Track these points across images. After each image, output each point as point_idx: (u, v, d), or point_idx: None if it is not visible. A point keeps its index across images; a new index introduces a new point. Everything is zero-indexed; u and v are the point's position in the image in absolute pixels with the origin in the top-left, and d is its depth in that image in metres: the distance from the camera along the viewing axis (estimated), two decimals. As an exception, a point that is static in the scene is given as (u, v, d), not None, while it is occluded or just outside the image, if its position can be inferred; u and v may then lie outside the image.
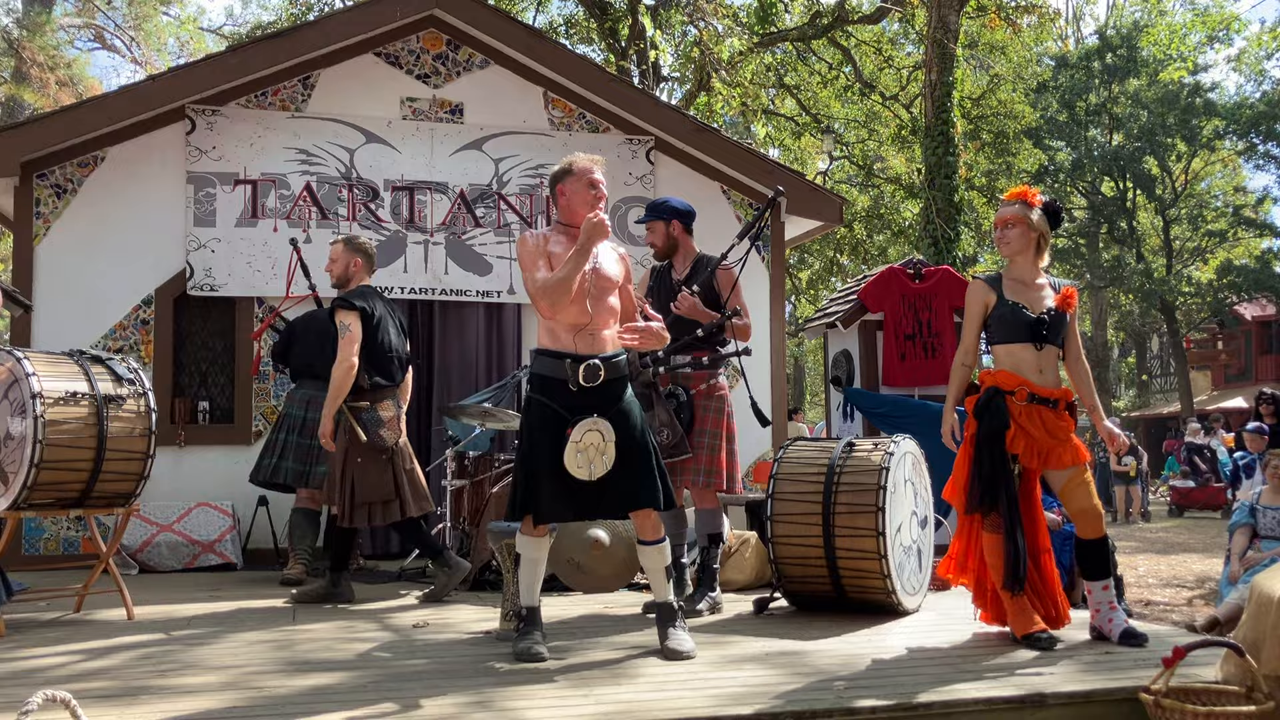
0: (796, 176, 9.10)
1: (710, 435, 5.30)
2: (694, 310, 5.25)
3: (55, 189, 7.58)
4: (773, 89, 21.35)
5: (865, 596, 5.09)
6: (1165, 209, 32.40)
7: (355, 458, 5.59)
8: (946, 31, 13.17)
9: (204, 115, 7.76)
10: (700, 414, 5.30)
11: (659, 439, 5.01)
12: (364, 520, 5.63)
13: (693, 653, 4.12)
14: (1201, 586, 10.03)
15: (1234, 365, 35.82)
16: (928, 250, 12.31)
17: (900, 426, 6.78)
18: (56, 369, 5.01)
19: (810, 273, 23.17)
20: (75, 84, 23.47)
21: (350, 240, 5.96)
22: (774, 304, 8.81)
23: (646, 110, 8.59)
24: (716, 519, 5.39)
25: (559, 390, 4.17)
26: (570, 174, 4.35)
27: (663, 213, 5.55)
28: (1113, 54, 31.56)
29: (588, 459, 4.09)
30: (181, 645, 4.50)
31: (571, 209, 4.34)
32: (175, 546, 7.23)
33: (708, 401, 5.33)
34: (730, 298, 5.33)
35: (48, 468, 4.84)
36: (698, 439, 5.25)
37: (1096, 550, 4.39)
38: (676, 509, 5.42)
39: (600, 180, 4.36)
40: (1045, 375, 4.39)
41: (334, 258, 5.91)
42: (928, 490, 5.56)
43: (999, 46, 20.65)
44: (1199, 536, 14.60)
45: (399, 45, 8.26)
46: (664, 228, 5.53)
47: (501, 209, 8.27)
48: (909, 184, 20.43)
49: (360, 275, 5.88)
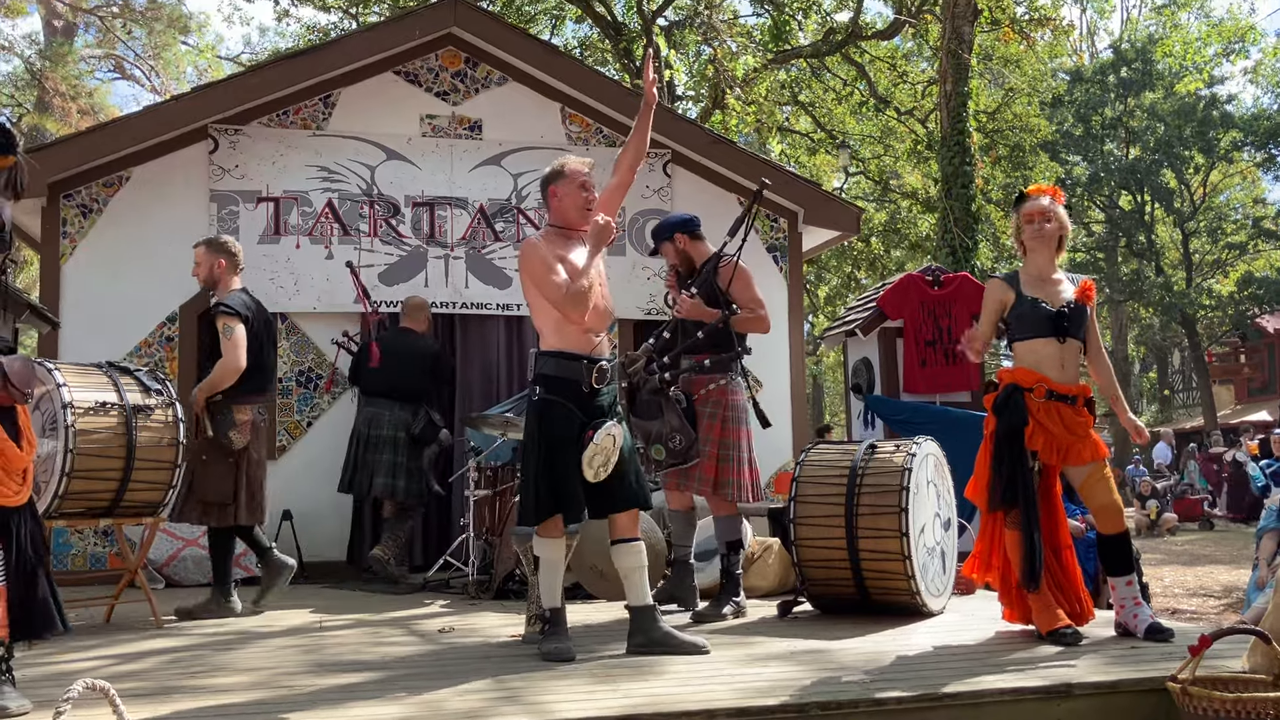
0: (812, 186, 9.16)
1: (715, 443, 5.19)
2: (695, 311, 5.16)
3: (81, 209, 7.69)
4: (787, 106, 21.43)
5: (889, 598, 5.09)
6: (1184, 222, 32.26)
7: (201, 454, 5.57)
8: (961, 43, 13.22)
9: (226, 134, 7.87)
10: (701, 420, 5.20)
11: (672, 444, 5.02)
12: (195, 517, 5.58)
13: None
14: (1229, 595, 9.97)
15: (1257, 378, 35.54)
16: (946, 260, 12.32)
17: (922, 433, 6.77)
18: (86, 379, 5.09)
19: (828, 288, 23.17)
20: (96, 112, 23.80)
21: (211, 242, 5.90)
22: (792, 316, 8.84)
23: (663, 123, 8.65)
24: (735, 526, 5.38)
25: (573, 391, 4.22)
26: (562, 176, 4.39)
27: (663, 234, 5.53)
28: (1128, 67, 31.53)
29: (603, 460, 4.13)
30: (210, 650, 4.54)
31: (564, 211, 4.39)
32: (201, 560, 7.26)
33: (704, 408, 5.22)
34: (733, 291, 5.22)
35: (78, 476, 4.91)
36: (700, 446, 5.16)
37: (1119, 545, 4.39)
38: (687, 513, 5.45)
39: (592, 182, 4.40)
40: (1066, 370, 4.40)
41: (198, 260, 5.87)
42: (950, 493, 5.57)
43: (1013, 60, 20.69)
44: (1225, 549, 14.49)
45: (418, 63, 8.36)
46: (671, 247, 5.51)
47: (521, 223, 8.34)
48: (925, 198, 20.46)
49: (227, 276, 5.77)
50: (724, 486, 5.22)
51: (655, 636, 4.22)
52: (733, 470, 5.23)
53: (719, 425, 5.22)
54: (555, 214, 4.43)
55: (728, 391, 5.27)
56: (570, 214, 4.37)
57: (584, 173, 4.39)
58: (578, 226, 4.39)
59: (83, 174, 7.66)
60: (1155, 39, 31.63)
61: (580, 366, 4.21)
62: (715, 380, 5.25)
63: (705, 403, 5.23)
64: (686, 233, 5.50)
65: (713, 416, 5.22)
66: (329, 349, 7.92)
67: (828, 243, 9.95)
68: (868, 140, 22.86)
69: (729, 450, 5.24)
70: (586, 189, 4.37)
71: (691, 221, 5.55)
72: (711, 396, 5.24)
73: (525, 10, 20.39)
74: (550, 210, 4.45)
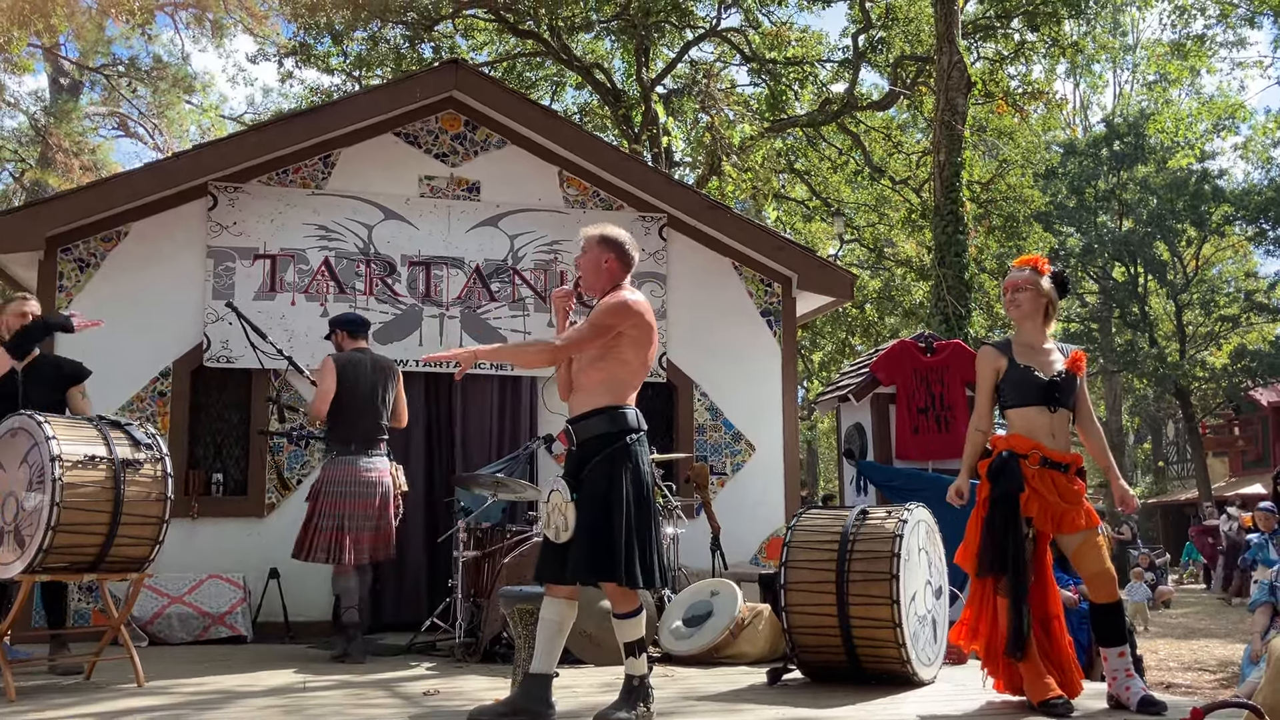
0: (806, 252, 9.21)
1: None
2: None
3: (78, 263, 7.72)
4: (783, 173, 21.65)
5: (880, 666, 5.04)
6: (1177, 294, 32.46)
7: None
8: (955, 114, 13.39)
9: (226, 192, 7.93)
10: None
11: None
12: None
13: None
14: (1224, 670, 9.87)
15: (1251, 451, 35.47)
16: (939, 328, 12.38)
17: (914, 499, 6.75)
18: (76, 432, 5.06)
19: (822, 354, 23.23)
20: (99, 169, 24.02)
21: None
22: (786, 381, 8.85)
23: (659, 188, 8.73)
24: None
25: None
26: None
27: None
28: (1120, 141, 31.90)
29: (560, 522, 4.10)
30: (191, 710, 4.48)
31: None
32: (186, 618, 7.20)
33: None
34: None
35: (64, 530, 4.86)
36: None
37: (1111, 615, 4.36)
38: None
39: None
40: (1057, 439, 4.40)
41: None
42: (942, 560, 5.54)
43: (1007, 132, 20.95)
44: (1220, 622, 14.37)
45: (418, 125, 8.45)
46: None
47: (516, 284, 8.37)
48: (919, 266, 20.59)
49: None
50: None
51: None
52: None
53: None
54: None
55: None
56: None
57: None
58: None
59: (81, 228, 7.69)
60: (1147, 114, 32.06)
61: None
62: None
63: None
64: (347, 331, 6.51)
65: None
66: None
67: (821, 308, 10.00)
68: (862, 208, 23.07)
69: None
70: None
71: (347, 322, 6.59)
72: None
73: (526, 76, 20.67)
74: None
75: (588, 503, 4.06)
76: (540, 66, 20.82)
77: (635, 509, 4.10)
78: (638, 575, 4.05)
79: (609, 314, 4.18)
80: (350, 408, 6.32)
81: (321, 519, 6.15)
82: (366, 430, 6.34)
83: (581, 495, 4.07)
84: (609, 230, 4.38)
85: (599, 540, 4.03)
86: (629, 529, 4.06)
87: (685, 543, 7.49)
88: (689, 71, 20.39)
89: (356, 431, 6.32)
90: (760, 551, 8.42)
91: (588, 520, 4.05)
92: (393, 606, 7.74)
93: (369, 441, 6.34)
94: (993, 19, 18.31)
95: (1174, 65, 23.56)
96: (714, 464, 8.52)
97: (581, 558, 4.03)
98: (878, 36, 19.04)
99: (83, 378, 6.05)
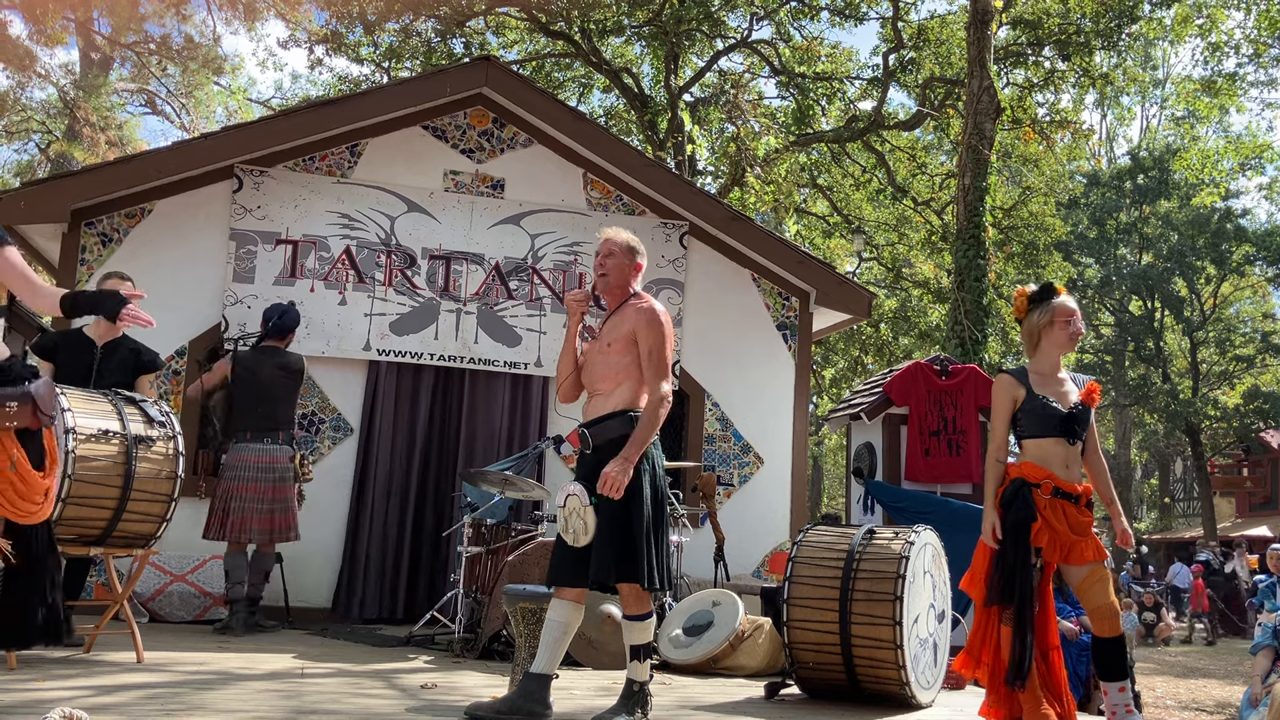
0: (826, 268, 9.20)
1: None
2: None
3: (101, 237, 7.75)
4: (806, 188, 21.64)
5: (879, 687, 5.02)
6: (1193, 331, 32.35)
7: None
8: (982, 138, 13.37)
9: (251, 175, 7.96)
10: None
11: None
12: None
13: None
14: (1221, 711, 9.83)
15: (1259, 493, 35.28)
16: (954, 351, 12.34)
17: (921, 522, 6.74)
18: (91, 405, 5.09)
19: (834, 371, 23.20)
20: (124, 145, 24.09)
21: None
22: (798, 396, 8.84)
23: (682, 196, 8.73)
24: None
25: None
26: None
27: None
28: (1144, 175, 31.85)
29: (579, 525, 4.10)
30: (189, 688, 4.49)
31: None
32: (187, 597, 7.22)
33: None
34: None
35: (74, 503, 4.88)
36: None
37: (1114, 649, 4.35)
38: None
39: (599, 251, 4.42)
40: (1071, 470, 4.39)
41: None
42: (946, 584, 5.52)
43: (1032, 159, 20.91)
44: (1219, 662, 14.31)
45: (446, 120, 8.47)
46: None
47: (535, 283, 8.38)
48: (937, 288, 20.55)
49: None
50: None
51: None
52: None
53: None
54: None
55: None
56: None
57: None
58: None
59: (106, 203, 7.73)
60: (1174, 150, 31.99)
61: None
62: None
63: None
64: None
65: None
66: (333, 393, 7.95)
67: (837, 325, 9.99)
68: (882, 227, 23.04)
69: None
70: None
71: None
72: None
73: (554, 76, 20.70)
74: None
75: (608, 505, 4.07)
76: (569, 68, 20.85)
77: (653, 511, 4.14)
78: (657, 577, 4.10)
79: (663, 337, 4.23)
80: (245, 399, 6.85)
81: (217, 501, 6.72)
82: (259, 420, 6.82)
83: (602, 498, 4.08)
84: (635, 238, 4.44)
85: (623, 543, 4.06)
86: (649, 531, 4.10)
87: (689, 551, 7.49)
88: (717, 81, 20.40)
89: (251, 421, 6.81)
90: (763, 564, 8.41)
91: (610, 523, 4.07)
92: (388, 601, 7.75)
93: (263, 430, 6.83)
94: (1024, 46, 18.28)
95: (1203, 103, 23.45)
96: (722, 475, 8.50)
97: (606, 560, 4.05)
98: (908, 57, 19.02)
99: (157, 368, 6.11)
